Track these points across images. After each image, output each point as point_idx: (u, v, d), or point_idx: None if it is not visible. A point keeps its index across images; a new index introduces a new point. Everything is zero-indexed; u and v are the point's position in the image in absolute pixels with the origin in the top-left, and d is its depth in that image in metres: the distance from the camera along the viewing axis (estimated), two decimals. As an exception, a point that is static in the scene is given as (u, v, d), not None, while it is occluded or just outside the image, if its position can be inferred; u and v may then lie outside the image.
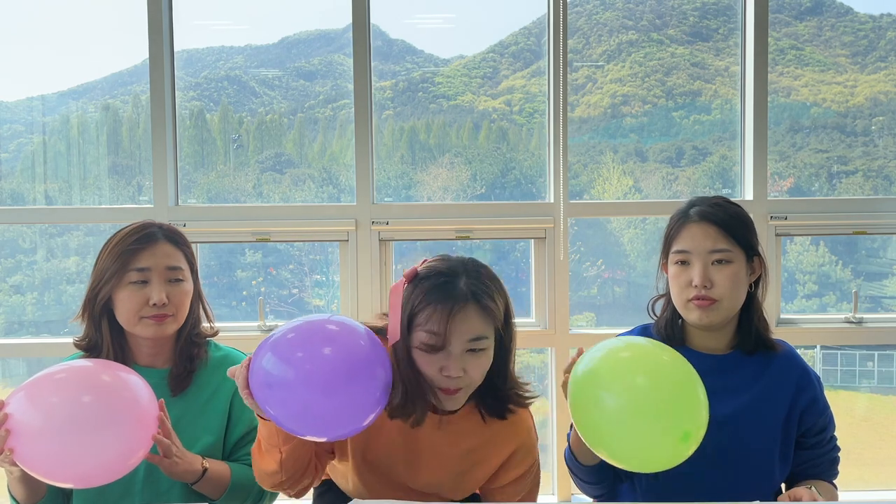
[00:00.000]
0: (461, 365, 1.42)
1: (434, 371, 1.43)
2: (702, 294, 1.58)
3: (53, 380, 1.41)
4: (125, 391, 1.43)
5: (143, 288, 1.61)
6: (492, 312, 1.44)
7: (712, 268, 1.58)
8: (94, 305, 1.65)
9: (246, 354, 1.76)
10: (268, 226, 2.84)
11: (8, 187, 3.19)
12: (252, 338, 2.84)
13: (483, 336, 1.43)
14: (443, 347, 1.41)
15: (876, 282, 3.35)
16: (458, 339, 1.41)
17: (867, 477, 3.28)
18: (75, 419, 1.34)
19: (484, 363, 1.46)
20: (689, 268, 1.60)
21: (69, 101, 3.28)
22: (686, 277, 1.60)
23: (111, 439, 1.38)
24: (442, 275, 1.45)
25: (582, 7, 3.38)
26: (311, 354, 1.30)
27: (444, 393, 1.46)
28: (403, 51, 3.38)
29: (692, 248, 1.60)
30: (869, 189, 3.24)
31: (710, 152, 3.25)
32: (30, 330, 3.24)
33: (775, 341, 1.70)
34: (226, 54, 3.49)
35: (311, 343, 1.32)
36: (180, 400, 1.67)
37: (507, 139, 3.32)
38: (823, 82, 3.35)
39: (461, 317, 1.40)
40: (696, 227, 1.61)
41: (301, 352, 1.30)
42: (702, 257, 1.59)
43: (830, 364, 3.51)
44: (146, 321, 1.62)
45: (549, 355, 2.94)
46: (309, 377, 1.28)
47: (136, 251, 1.62)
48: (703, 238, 1.59)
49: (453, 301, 1.41)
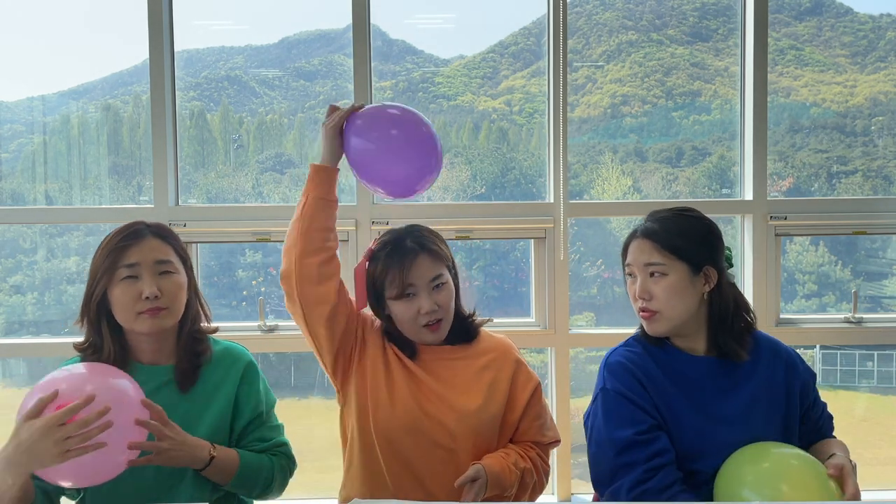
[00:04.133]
0: (432, 301, 1.73)
1: (413, 314, 1.74)
2: (642, 306, 1.70)
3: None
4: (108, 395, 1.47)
5: (134, 283, 1.64)
6: (440, 254, 1.77)
7: (650, 280, 1.68)
8: (91, 307, 1.66)
9: (244, 348, 1.79)
10: (268, 226, 2.84)
11: (8, 187, 3.20)
12: (252, 338, 2.84)
13: (439, 274, 1.75)
14: (413, 293, 1.73)
15: (875, 282, 3.36)
16: (420, 281, 1.73)
17: (867, 477, 3.28)
18: None
19: (448, 294, 1.77)
20: (634, 280, 1.72)
21: (69, 101, 3.28)
22: (632, 290, 1.72)
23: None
24: (390, 243, 1.77)
25: (582, 7, 3.38)
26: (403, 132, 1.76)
27: (429, 330, 1.75)
28: (403, 51, 3.38)
29: (633, 261, 1.72)
30: (868, 189, 3.24)
31: (710, 152, 3.26)
32: (30, 330, 3.24)
33: (750, 339, 1.74)
34: (226, 54, 3.49)
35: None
36: (186, 395, 1.69)
37: (507, 139, 3.33)
38: (823, 82, 3.35)
39: (416, 265, 1.73)
40: (636, 242, 1.72)
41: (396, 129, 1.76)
42: (641, 270, 1.70)
43: (830, 364, 3.51)
44: (142, 317, 1.64)
45: (549, 355, 2.94)
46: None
47: (125, 248, 1.65)
48: (640, 252, 1.70)
49: (405, 256, 1.73)
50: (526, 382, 1.83)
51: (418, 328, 1.76)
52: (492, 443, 1.78)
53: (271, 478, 1.75)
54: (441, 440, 1.73)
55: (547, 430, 1.85)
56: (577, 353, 3.05)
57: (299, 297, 1.73)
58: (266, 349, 3.01)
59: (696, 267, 1.68)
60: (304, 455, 3.26)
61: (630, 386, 1.67)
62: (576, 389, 2.92)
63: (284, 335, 2.88)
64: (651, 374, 1.69)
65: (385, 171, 1.76)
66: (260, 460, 1.74)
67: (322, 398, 3.38)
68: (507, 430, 1.81)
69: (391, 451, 1.74)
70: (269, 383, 1.87)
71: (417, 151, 1.75)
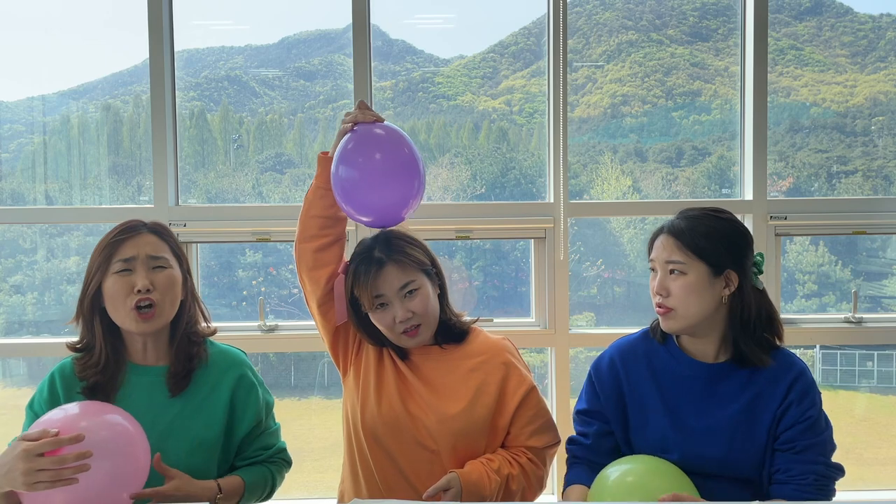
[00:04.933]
0: (406, 308, 1.73)
1: (390, 323, 1.74)
2: (659, 301, 1.69)
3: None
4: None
5: (128, 276, 1.64)
6: (408, 263, 1.74)
7: (669, 277, 1.68)
8: (85, 303, 1.67)
9: (240, 350, 1.79)
10: (268, 226, 2.84)
11: (8, 187, 3.20)
12: (252, 338, 2.84)
13: (409, 281, 1.74)
14: (385, 304, 1.74)
15: (875, 282, 3.36)
16: (390, 292, 1.72)
17: (867, 477, 3.29)
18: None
19: (423, 299, 1.75)
20: (655, 275, 1.71)
21: (69, 101, 3.28)
22: (652, 284, 1.72)
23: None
24: (359, 255, 1.78)
25: (582, 7, 3.38)
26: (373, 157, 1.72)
27: (407, 336, 1.75)
28: (403, 51, 3.38)
29: (656, 257, 1.72)
30: (868, 189, 3.24)
31: (710, 152, 3.26)
32: (30, 330, 3.24)
33: (774, 354, 1.70)
34: (226, 54, 3.49)
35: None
36: (178, 397, 1.68)
37: (507, 139, 3.33)
38: (823, 82, 3.35)
39: (383, 276, 1.72)
40: (662, 238, 1.71)
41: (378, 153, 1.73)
42: (661, 267, 1.70)
43: (830, 364, 3.51)
44: (133, 315, 1.63)
45: (549, 355, 2.94)
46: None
47: (121, 242, 1.66)
48: (663, 249, 1.70)
49: (371, 268, 1.73)
50: (517, 386, 1.80)
51: (397, 335, 1.76)
52: (477, 447, 1.77)
53: (273, 486, 1.79)
54: (423, 441, 1.74)
55: (543, 434, 1.82)
56: (576, 353, 3.05)
57: (299, 277, 1.81)
58: (266, 349, 3.01)
59: (717, 269, 1.66)
60: (304, 455, 3.27)
61: (604, 388, 1.78)
62: (576, 389, 2.91)
63: (284, 335, 2.88)
64: (636, 370, 1.75)
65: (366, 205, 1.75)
66: (262, 475, 1.76)
67: (322, 398, 3.38)
68: (497, 433, 1.80)
69: (378, 448, 1.76)
70: (269, 383, 1.88)
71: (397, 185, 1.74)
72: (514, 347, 1.91)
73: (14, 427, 1.73)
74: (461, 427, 1.74)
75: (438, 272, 1.84)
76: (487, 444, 1.79)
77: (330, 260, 1.78)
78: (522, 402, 1.80)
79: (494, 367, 1.81)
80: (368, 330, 1.81)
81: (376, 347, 1.82)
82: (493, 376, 1.80)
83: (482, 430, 1.77)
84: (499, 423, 1.79)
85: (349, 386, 1.84)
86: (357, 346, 1.84)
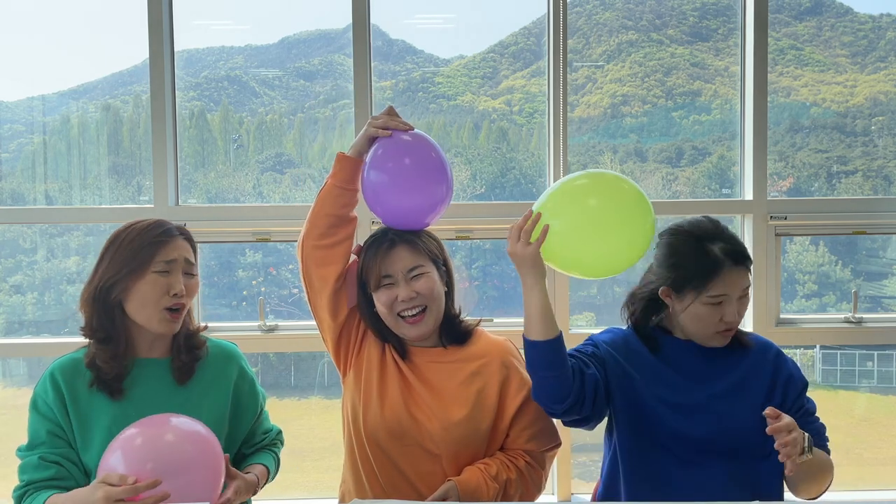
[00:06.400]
0: (410, 289, 1.73)
1: (391, 300, 1.73)
2: (730, 326, 1.71)
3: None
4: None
5: (165, 278, 1.68)
6: (420, 246, 1.76)
7: (738, 302, 1.70)
8: (106, 297, 1.68)
9: (232, 343, 1.83)
10: (268, 226, 2.84)
11: (8, 187, 3.20)
12: (252, 338, 2.84)
13: (418, 265, 1.75)
14: (391, 283, 1.74)
15: (875, 282, 3.36)
16: (398, 271, 1.73)
17: (867, 476, 3.29)
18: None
19: (429, 282, 1.75)
20: (721, 307, 1.69)
21: (69, 101, 3.28)
22: (718, 315, 1.70)
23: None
24: (373, 236, 1.81)
25: (582, 7, 3.38)
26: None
27: (408, 323, 1.75)
28: (403, 51, 3.38)
29: (730, 291, 1.69)
30: (868, 189, 3.24)
31: (710, 152, 3.26)
32: (30, 330, 3.24)
33: (748, 338, 1.82)
34: (226, 54, 3.49)
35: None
36: (183, 387, 1.73)
37: (507, 139, 3.33)
38: (823, 82, 3.36)
39: (393, 253, 1.74)
40: (733, 269, 1.68)
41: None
42: (735, 296, 1.70)
43: (830, 364, 3.51)
44: (165, 316, 1.68)
45: (549, 355, 2.94)
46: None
47: (163, 243, 1.69)
48: (738, 278, 1.68)
49: (382, 246, 1.75)
50: (518, 390, 1.79)
51: (396, 319, 1.75)
52: (478, 451, 1.77)
53: (279, 465, 1.90)
54: (425, 445, 1.74)
55: (542, 438, 1.81)
56: (577, 353, 3.05)
57: (304, 276, 1.80)
58: (266, 349, 3.01)
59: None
60: (305, 455, 3.27)
61: (611, 348, 1.81)
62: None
63: (284, 335, 2.88)
64: (636, 351, 1.81)
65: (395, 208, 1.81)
66: (274, 459, 1.87)
67: (322, 398, 3.38)
68: (497, 436, 1.80)
69: (379, 450, 1.76)
70: (269, 383, 1.91)
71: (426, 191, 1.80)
72: (515, 349, 1.89)
73: (14, 427, 1.73)
74: (464, 434, 1.74)
75: (448, 270, 1.84)
76: (488, 446, 1.79)
77: (337, 258, 1.78)
78: (522, 406, 1.79)
79: (496, 371, 1.80)
80: (373, 318, 1.81)
81: (378, 348, 1.82)
82: (493, 379, 1.79)
83: (483, 436, 1.77)
84: (499, 426, 1.79)
85: (349, 386, 1.83)
86: (358, 346, 1.84)
